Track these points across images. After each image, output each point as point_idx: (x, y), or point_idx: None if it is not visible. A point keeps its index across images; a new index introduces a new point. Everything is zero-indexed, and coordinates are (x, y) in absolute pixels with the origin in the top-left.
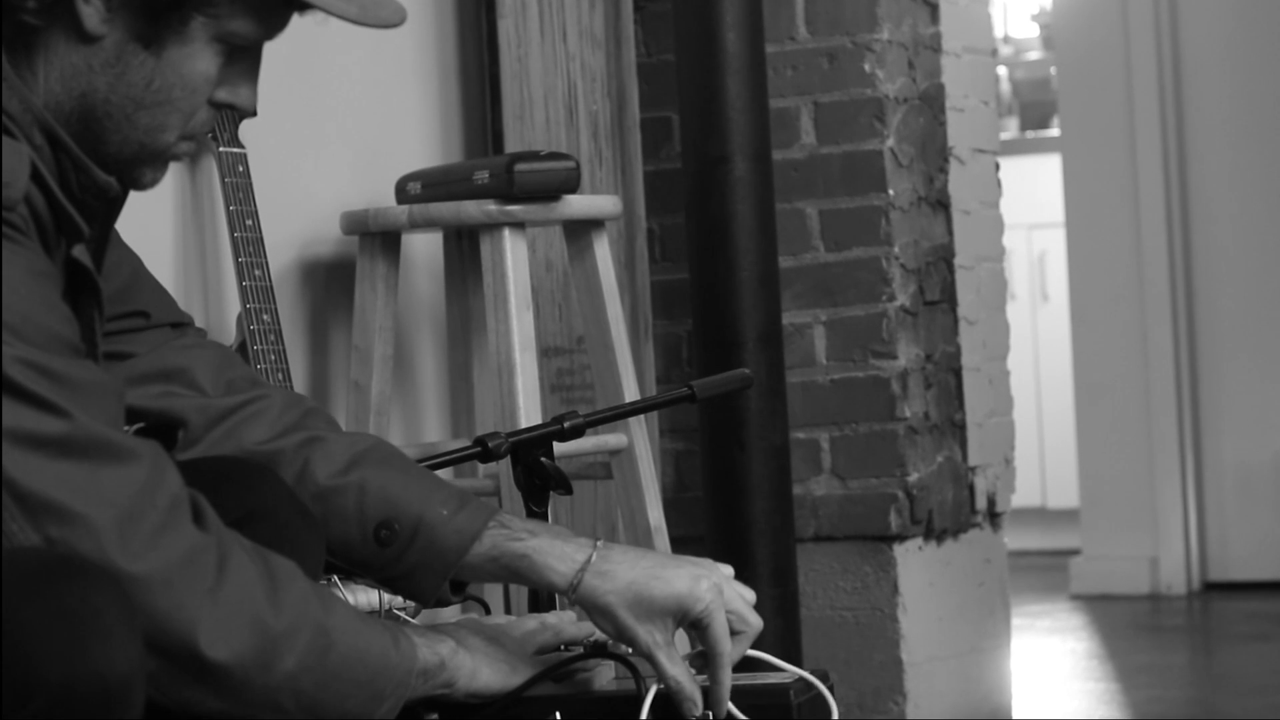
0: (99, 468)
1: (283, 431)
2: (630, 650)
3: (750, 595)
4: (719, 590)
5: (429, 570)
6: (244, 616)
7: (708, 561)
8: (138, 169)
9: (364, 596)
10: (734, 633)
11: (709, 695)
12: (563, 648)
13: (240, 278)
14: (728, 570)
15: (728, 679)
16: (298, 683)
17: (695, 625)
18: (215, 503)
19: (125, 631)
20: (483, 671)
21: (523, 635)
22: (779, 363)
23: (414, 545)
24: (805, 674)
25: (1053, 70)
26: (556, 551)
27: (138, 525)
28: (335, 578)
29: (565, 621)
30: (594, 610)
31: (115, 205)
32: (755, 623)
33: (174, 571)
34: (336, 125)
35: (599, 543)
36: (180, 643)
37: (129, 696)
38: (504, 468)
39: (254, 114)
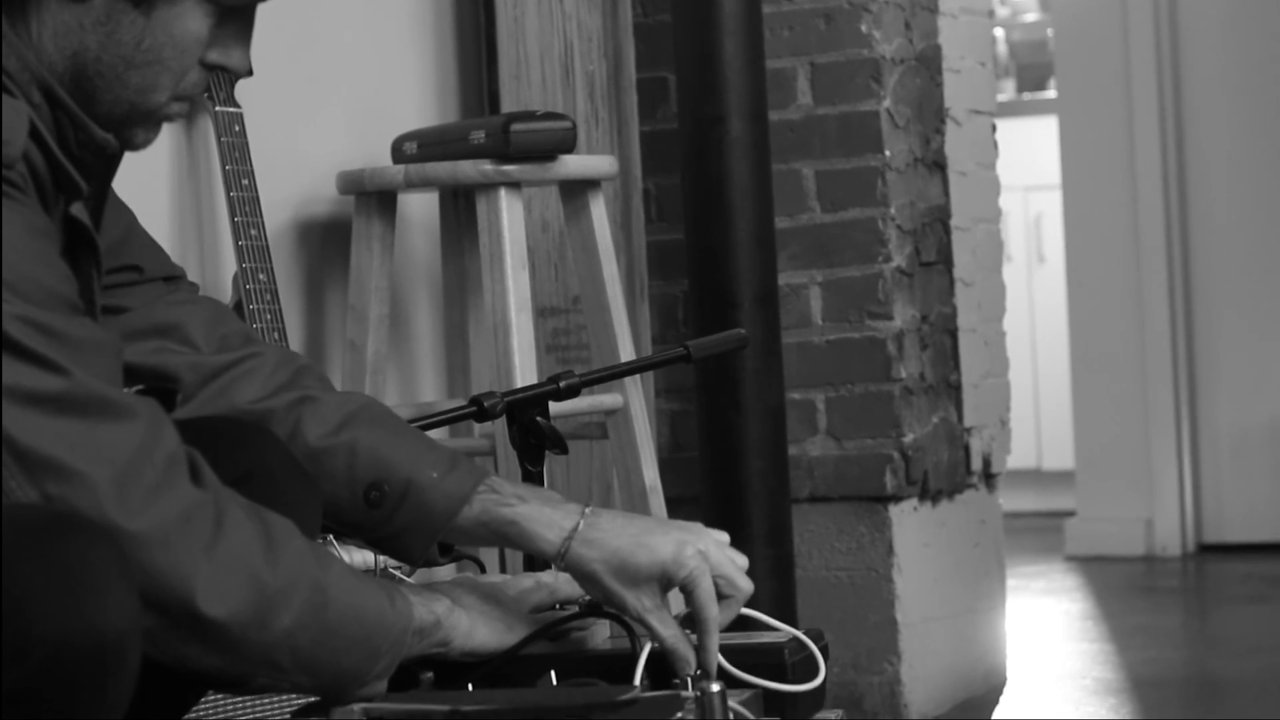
0: (97, 425)
1: (274, 390)
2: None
3: (742, 560)
4: (704, 556)
5: (417, 533)
6: (240, 574)
7: (697, 526)
8: (129, 129)
9: (359, 555)
10: (723, 597)
11: (699, 657)
12: (558, 607)
13: (236, 237)
14: (721, 536)
15: (714, 643)
16: (294, 639)
17: (681, 590)
18: (212, 462)
19: (121, 587)
20: (479, 630)
21: (518, 594)
22: (775, 323)
23: (403, 507)
24: (799, 634)
25: (1050, 32)
26: (544, 519)
27: (135, 482)
28: (330, 536)
29: (561, 581)
30: (581, 577)
31: (113, 163)
32: (745, 587)
33: (171, 529)
34: (333, 85)
35: (587, 509)
36: (177, 599)
37: (124, 652)
38: (499, 427)
39: (248, 75)
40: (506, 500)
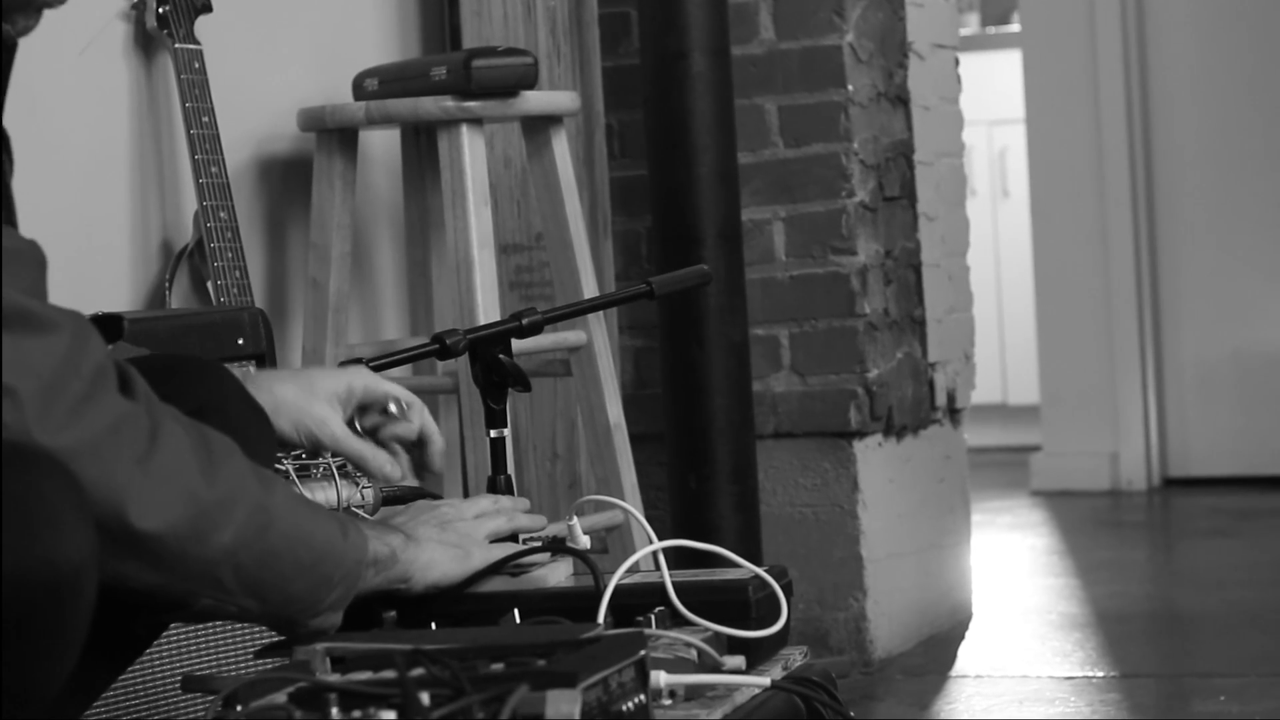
0: (20, 339)
1: None
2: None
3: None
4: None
5: None
6: (175, 487)
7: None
8: (9, 16)
9: (321, 494)
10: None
11: (433, 449)
12: (520, 540)
13: (197, 175)
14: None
15: (430, 420)
16: (236, 558)
17: (364, 406)
18: (164, 397)
19: (75, 519)
20: (438, 563)
21: (476, 517)
22: (738, 259)
23: None
24: (761, 571)
25: None
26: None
27: (61, 396)
28: (292, 473)
29: (519, 506)
30: (273, 408)
31: (9, 56)
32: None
33: (101, 441)
34: (293, 21)
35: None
36: (109, 513)
37: (80, 584)
38: (462, 365)
39: None
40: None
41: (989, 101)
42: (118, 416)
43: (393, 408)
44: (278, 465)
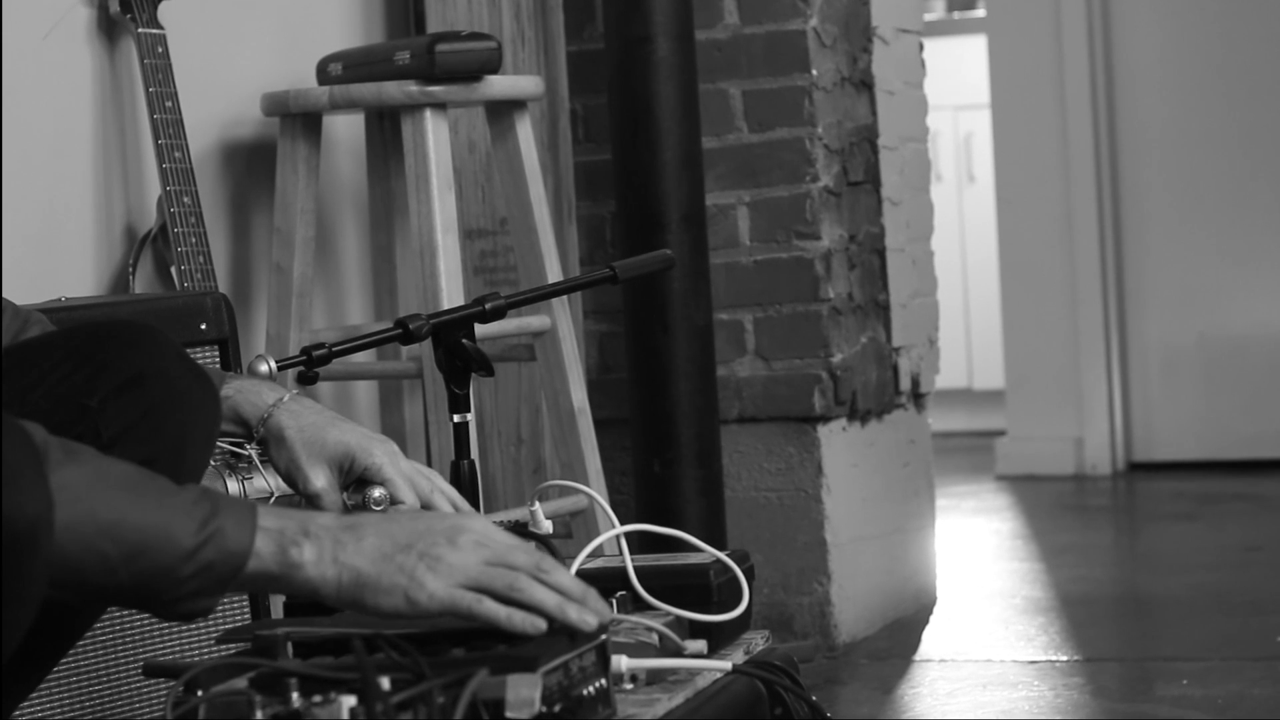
0: None
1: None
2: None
3: (461, 501)
4: (395, 457)
5: None
6: None
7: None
8: None
9: (275, 480)
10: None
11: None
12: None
13: (160, 160)
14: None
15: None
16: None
17: (367, 479)
18: (102, 365)
19: (31, 475)
20: (365, 587)
21: (485, 562)
22: (702, 244)
23: None
24: (722, 555)
25: None
26: (255, 391)
27: None
28: (254, 455)
29: (573, 589)
30: (274, 440)
31: None
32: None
33: None
34: (257, 6)
35: (295, 390)
36: None
37: (37, 537)
38: (426, 350)
39: None
40: (222, 379)
41: (954, 87)
42: None
43: (377, 494)
44: (240, 450)
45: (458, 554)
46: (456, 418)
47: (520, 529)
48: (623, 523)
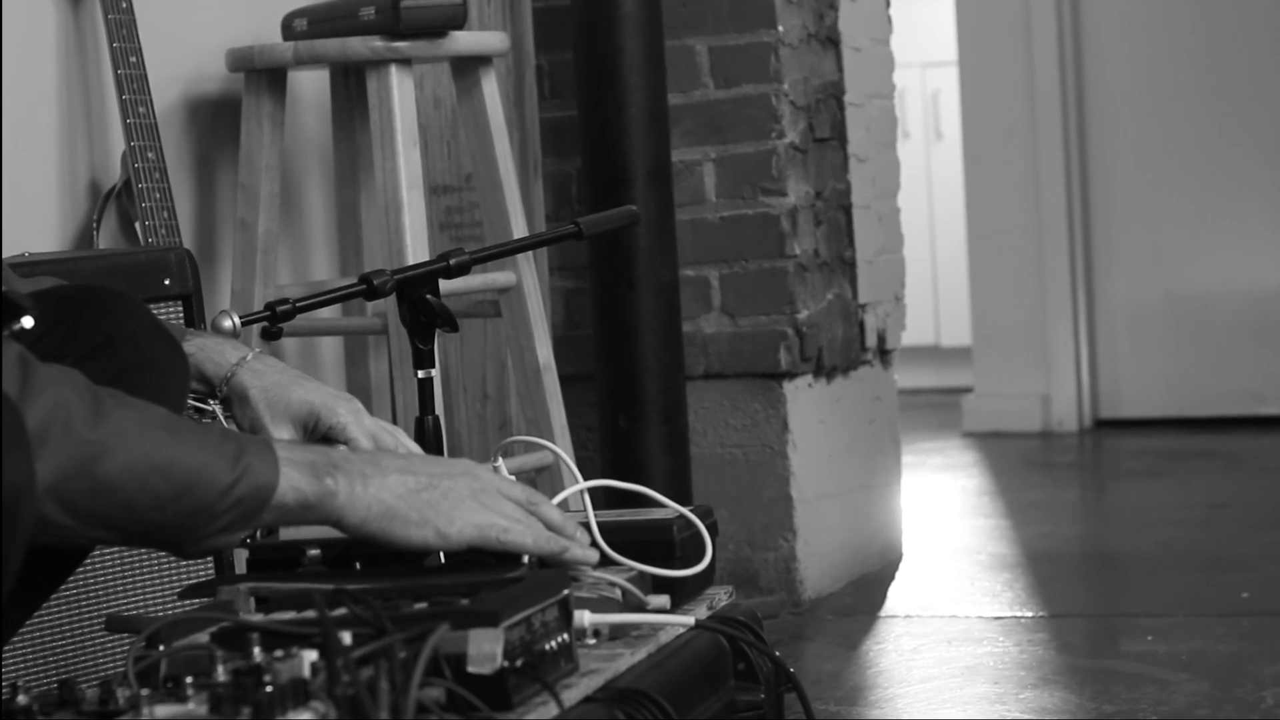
0: None
1: None
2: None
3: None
4: (359, 415)
5: None
6: None
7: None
8: None
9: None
10: None
11: None
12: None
13: (124, 115)
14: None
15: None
16: (59, 492)
17: (331, 437)
18: (73, 330)
19: (14, 446)
20: (374, 518)
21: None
22: (668, 200)
23: None
24: (686, 511)
25: None
26: (218, 349)
27: None
28: (218, 411)
29: (563, 524)
30: (238, 399)
31: None
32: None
33: None
34: None
35: (258, 348)
36: None
37: (19, 507)
38: (390, 306)
39: None
40: (184, 335)
41: (922, 44)
42: None
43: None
44: (203, 405)
45: (476, 491)
46: (421, 373)
47: None
48: (588, 479)
